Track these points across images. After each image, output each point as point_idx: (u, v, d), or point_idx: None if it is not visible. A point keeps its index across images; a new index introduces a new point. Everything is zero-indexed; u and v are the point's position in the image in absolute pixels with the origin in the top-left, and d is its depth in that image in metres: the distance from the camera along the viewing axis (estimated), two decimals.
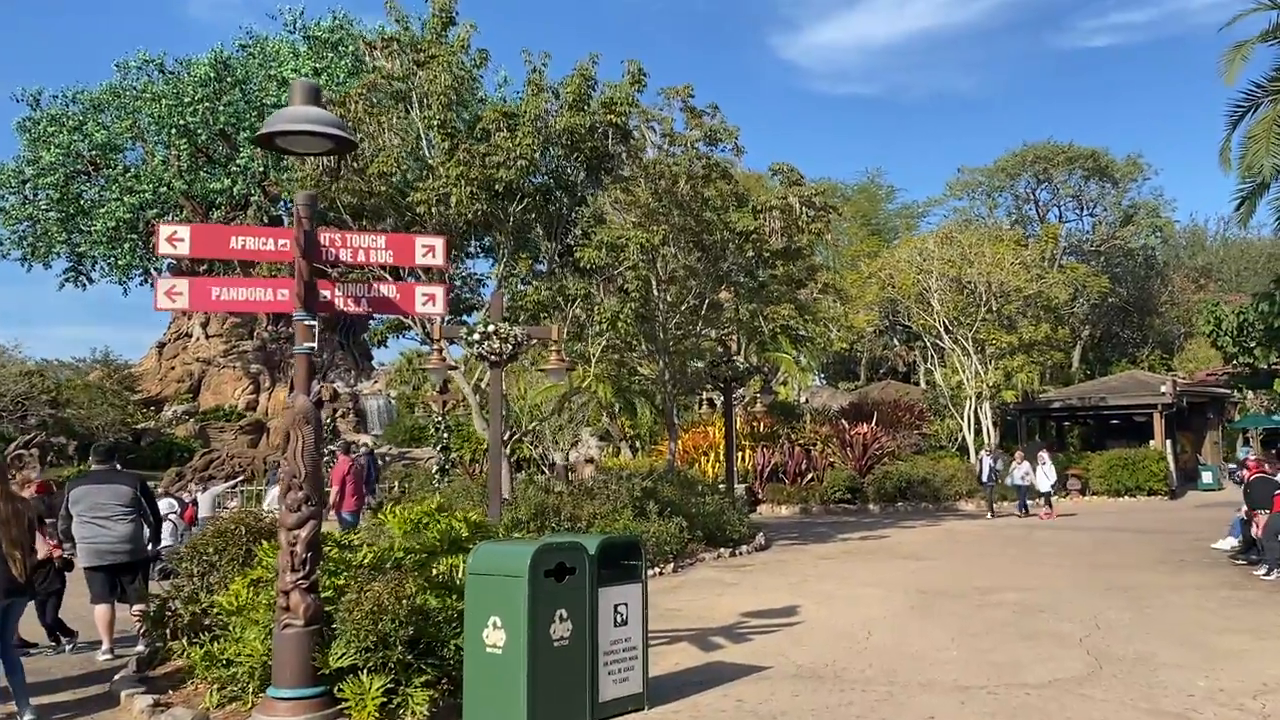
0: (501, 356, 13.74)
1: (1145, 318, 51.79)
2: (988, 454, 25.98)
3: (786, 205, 18.80)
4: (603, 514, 15.16)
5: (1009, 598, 12.02)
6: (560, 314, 15.45)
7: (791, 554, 17.64)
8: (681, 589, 13.55)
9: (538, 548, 6.36)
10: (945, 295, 33.15)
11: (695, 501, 17.74)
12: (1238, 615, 10.60)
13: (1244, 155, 15.12)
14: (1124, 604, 11.30)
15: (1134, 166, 48.30)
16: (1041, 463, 24.78)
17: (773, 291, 20.53)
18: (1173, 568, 14.46)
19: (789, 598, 12.50)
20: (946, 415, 37.59)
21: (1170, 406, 34.96)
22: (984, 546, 18.29)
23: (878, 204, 60.39)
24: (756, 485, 30.44)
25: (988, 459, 25.61)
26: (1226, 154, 15.52)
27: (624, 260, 15.11)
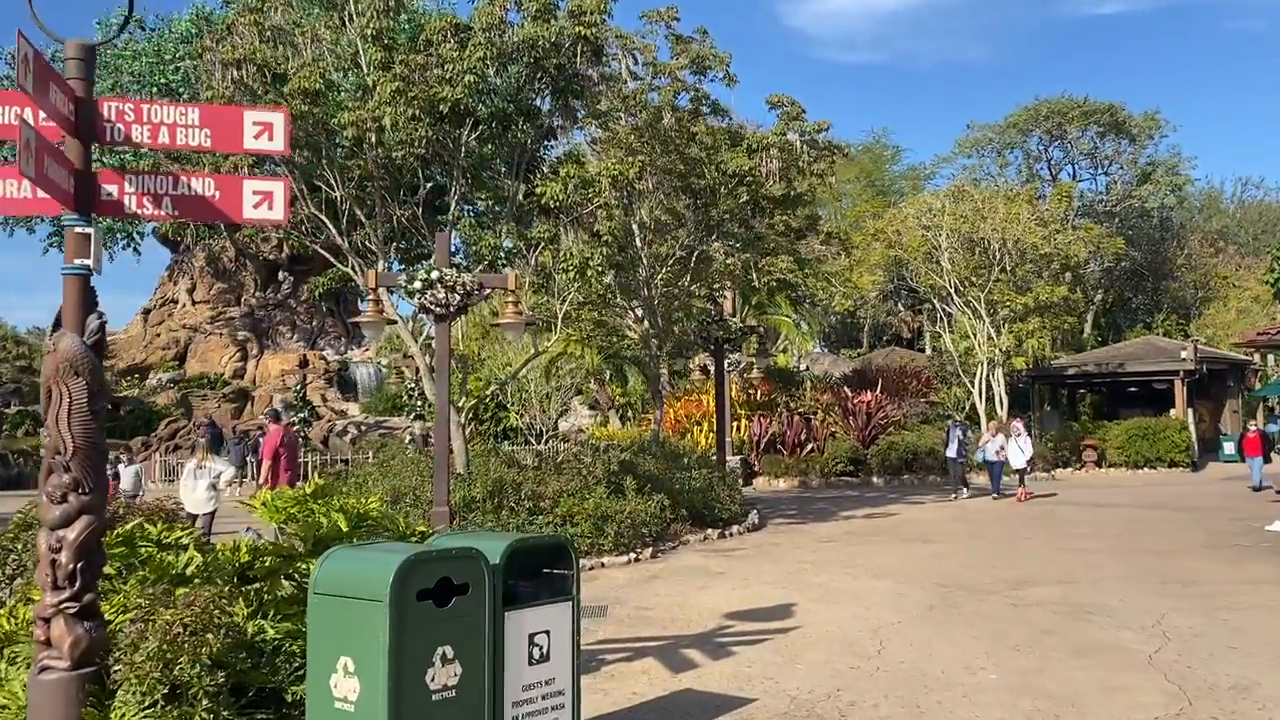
0: (448, 308, 11.71)
1: (1160, 282, 49.57)
2: (955, 425, 22.68)
3: (785, 143, 16.69)
4: (570, 491, 13.18)
5: (1047, 594, 10.05)
6: (524, 261, 13.40)
7: (788, 535, 15.67)
8: (658, 579, 11.59)
9: (407, 558, 4.34)
10: (956, 254, 30.99)
11: (680, 476, 15.77)
12: None
13: None
14: (1189, 604, 9.32)
15: (1152, 122, 45.88)
16: (1016, 435, 21.50)
17: (769, 243, 18.44)
18: (1230, 555, 12.47)
19: (783, 592, 10.53)
20: (954, 383, 35.56)
21: (1193, 373, 32.96)
22: (1004, 527, 16.32)
23: (883, 165, 58.06)
24: (753, 457, 28.50)
25: (956, 430, 22.19)
26: None
27: (595, 198, 13.03)
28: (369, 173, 13.38)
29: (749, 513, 17.18)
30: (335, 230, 13.48)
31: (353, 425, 38.22)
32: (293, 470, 13.97)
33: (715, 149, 16.98)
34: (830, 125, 17.10)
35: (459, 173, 13.10)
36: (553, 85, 13.38)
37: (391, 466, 15.52)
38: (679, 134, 15.99)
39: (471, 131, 12.96)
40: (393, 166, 13.63)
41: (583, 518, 12.82)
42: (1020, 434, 21.49)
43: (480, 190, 14.40)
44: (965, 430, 22.22)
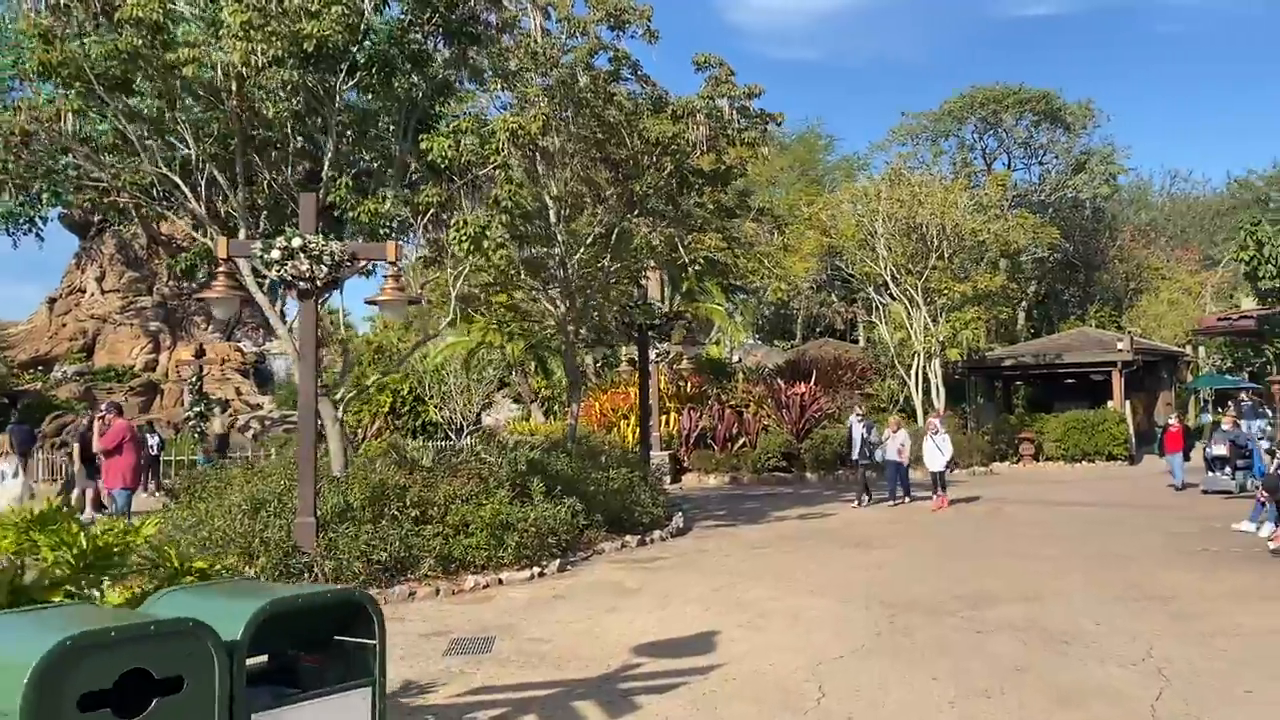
0: (314, 281, 9.92)
1: (1093, 274, 49.30)
2: (859, 420, 19.63)
3: (713, 109, 15.11)
4: (465, 496, 11.45)
5: (1011, 615, 8.63)
6: (416, 233, 11.64)
7: (716, 541, 14.14)
8: (562, 600, 9.94)
9: (59, 642, 2.62)
10: (893, 240, 29.81)
11: (597, 477, 14.14)
12: None
13: None
14: (1177, 628, 7.96)
15: (1086, 111, 45.44)
16: (933, 432, 18.40)
17: (698, 220, 16.87)
18: (1203, 563, 11.23)
19: (707, 615, 8.96)
20: (889, 374, 34.52)
21: (1130, 365, 32.34)
22: (950, 530, 15.00)
23: (817, 154, 57.02)
24: (682, 452, 27.00)
25: (859, 426, 19.23)
26: None
27: (492, 156, 11.31)
28: (231, 127, 11.50)
29: (674, 515, 15.62)
30: (191, 195, 11.56)
31: (256, 420, 35.84)
32: (137, 468, 12.07)
33: (637, 115, 15.34)
34: (763, 90, 15.57)
35: (334, 127, 11.26)
36: (444, 27, 11.61)
37: (260, 467, 13.64)
38: (596, 95, 14.31)
39: (348, 79, 11.15)
40: (259, 121, 11.75)
41: (478, 527, 11.11)
42: (938, 431, 18.44)
43: (366, 151, 12.58)
44: (870, 427, 19.47)
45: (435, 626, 8.89)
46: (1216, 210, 56.90)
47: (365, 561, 10.23)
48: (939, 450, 18.00)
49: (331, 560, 10.16)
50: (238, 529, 10.27)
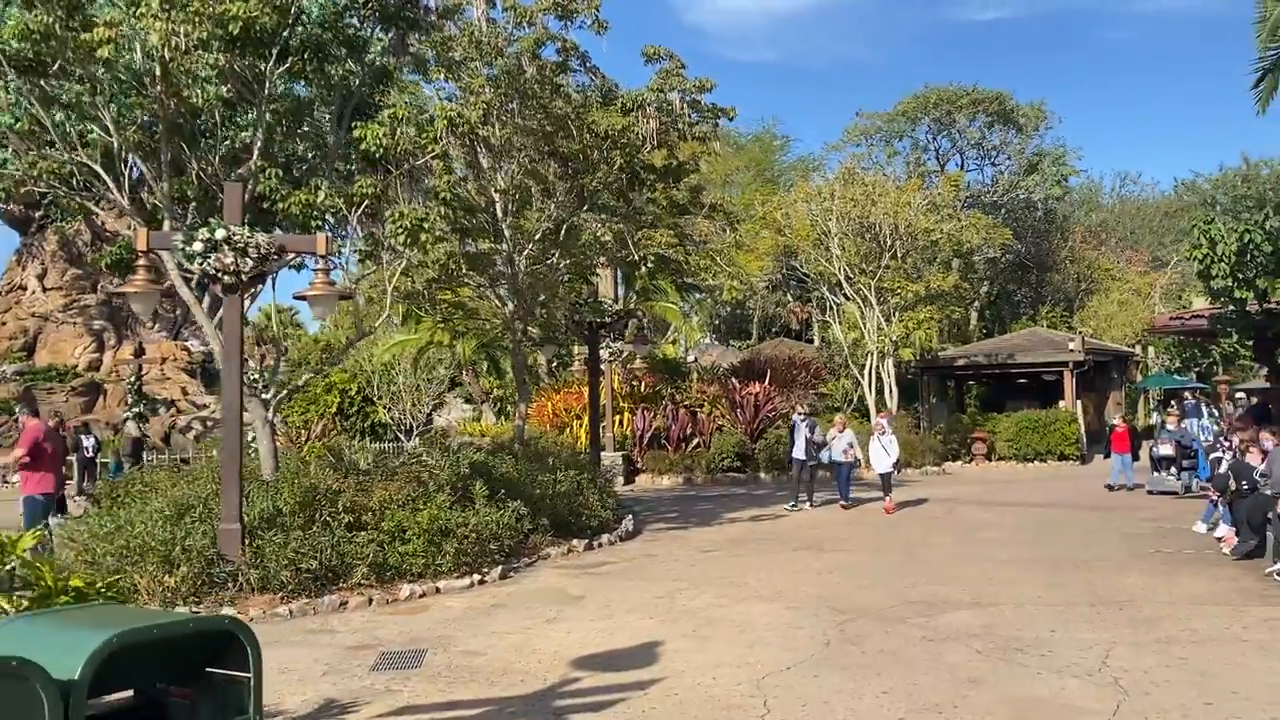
0: (239, 275, 9.42)
1: (1044, 274, 49.71)
2: (802, 419, 18.68)
3: (664, 101, 14.76)
4: (401, 501, 10.98)
5: (964, 622, 8.36)
6: (346, 224, 11.13)
7: (665, 545, 13.78)
8: (502, 609, 9.52)
9: None
10: (847, 239, 29.68)
11: (544, 479, 13.71)
12: None
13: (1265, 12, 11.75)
14: (1133, 635, 7.73)
15: (1038, 113, 45.74)
16: (880, 432, 17.72)
17: (649, 216, 16.50)
18: (1158, 565, 11.06)
19: (651, 625, 8.60)
20: (843, 374, 34.44)
21: (1081, 365, 32.52)
22: (904, 533, 14.78)
23: (773, 154, 56.93)
24: (636, 453, 26.64)
25: (802, 426, 18.34)
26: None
27: (429, 145, 10.84)
28: (156, 114, 10.92)
29: (624, 518, 15.24)
30: (114, 185, 10.97)
31: (198, 420, 34.93)
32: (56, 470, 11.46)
33: (586, 107, 14.95)
34: (714, 85, 15.24)
35: (263, 115, 10.72)
36: (381, 11, 11.12)
37: (189, 470, 13.06)
38: (543, 86, 13.88)
39: (279, 64, 10.61)
40: (187, 108, 11.18)
41: (415, 533, 10.65)
42: (884, 432, 17.79)
43: (301, 141, 12.05)
44: (814, 426, 18.65)
45: (365, 639, 8.45)
46: (1165, 212, 57.65)
47: (294, 570, 9.74)
48: (885, 451, 17.42)
49: (258, 569, 9.66)
50: (158, 536, 9.72)
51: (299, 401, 36.25)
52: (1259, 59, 12.37)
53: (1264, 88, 12.60)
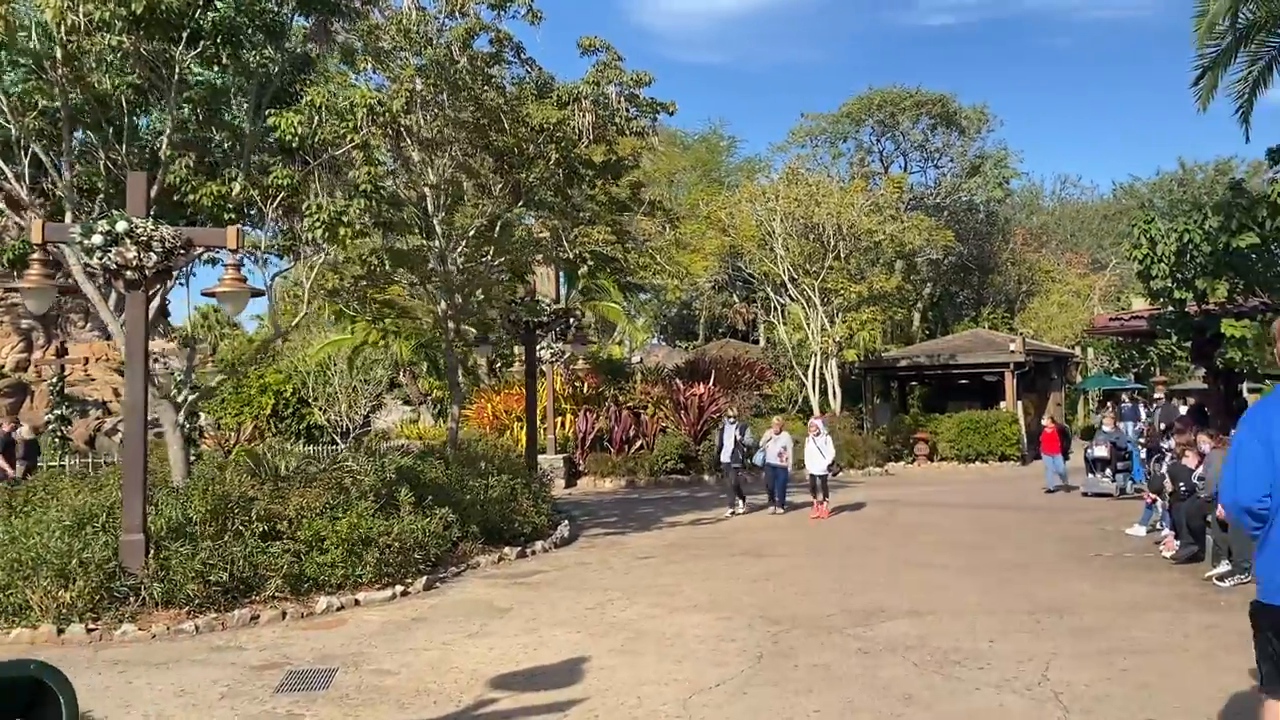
0: (143, 270, 8.85)
1: (986, 276, 50.18)
2: (730, 422, 18.23)
3: (601, 95, 14.37)
4: (320, 508, 10.45)
5: (902, 632, 8.07)
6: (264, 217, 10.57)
7: (601, 551, 13.39)
8: (423, 622, 9.06)
9: None
10: (790, 240, 29.55)
11: (474, 484, 13.24)
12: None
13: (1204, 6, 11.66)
14: (1073, 645, 7.49)
15: (981, 115, 46.11)
16: (814, 434, 17.06)
17: (588, 212, 16.11)
18: (1097, 570, 10.91)
19: (577, 639, 8.20)
20: (788, 375, 34.36)
21: (1022, 366, 32.72)
22: (845, 536, 14.55)
23: (719, 155, 56.81)
24: (578, 455, 26.21)
25: (731, 429, 17.87)
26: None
27: (348, 134, 10.32)
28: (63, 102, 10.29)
29: (559, 524, 14.82)
30: (12, 175, 10.32)
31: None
32: None
33: (520, 100, 14.52)
34: (652, 79, 14.90)
35: (173, 101, 10.14)
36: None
37: (97, 476, 12.40)
38: (474, 77, 13.42)
39: (189, 48, 10.04)
40: (94, 94, 10.55)
41: (334, 542, 10.14)
42: (819, 433, 17.12)
43: (217, 131, 11.44)
44: (743, 429, 18.17)
45: (273, 656, 7.94)
46: (1104, 215, 58.65)
47: (202, 582, 9.18)
48: (820, 453, 16.85)
49: (162, 582, 9.08)
50: (54, 548, 9.09)
51: (232, 403, 35.31)
52: (1198, 56, 12.34)
53: (1204, 85, 12.55)
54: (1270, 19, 11.49)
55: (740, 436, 17.61)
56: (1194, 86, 12.64)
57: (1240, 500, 3.89)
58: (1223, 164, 53.82)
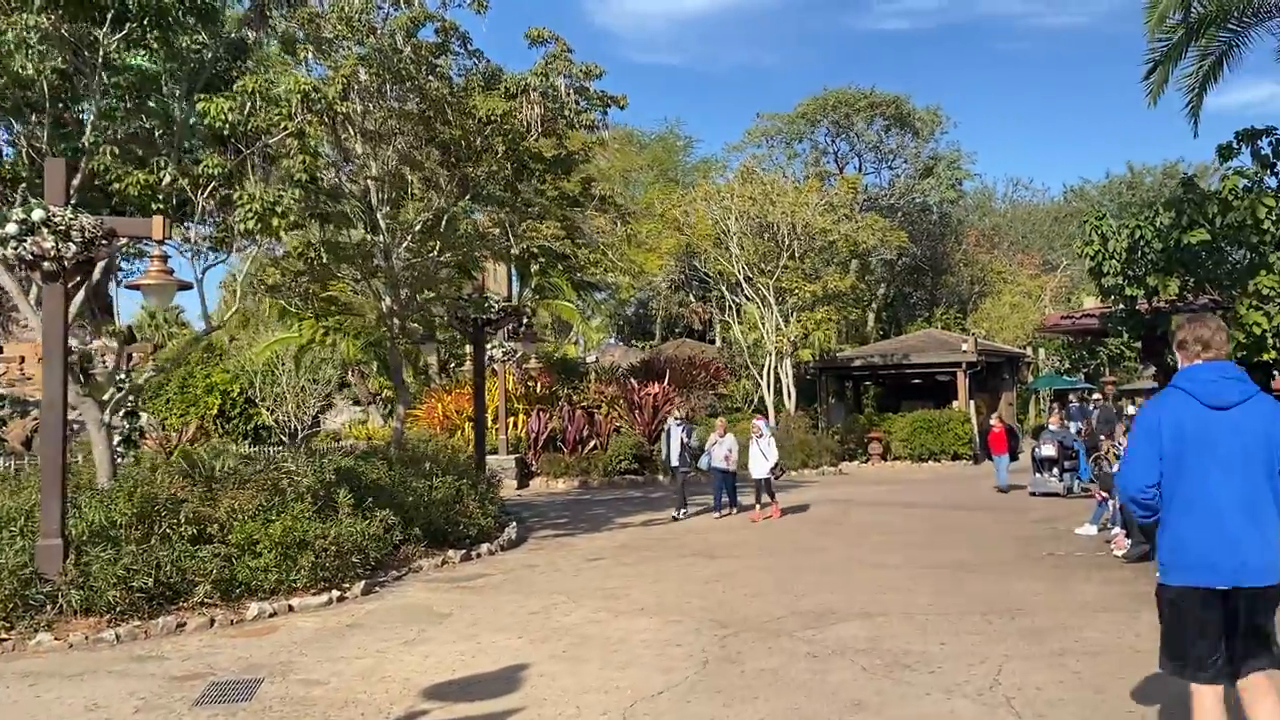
0: (61, 261, 8.41)
1: (939, 277, 50.53)
2: (677, 423, 17.36)
3: (550, 87, 14.07)
4: (253, 511, 10.05)
5: (852, 634, 7.86)
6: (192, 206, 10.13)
7: (549, 553, 13.08)
8: (358, 629, 8.69)
9: None
10: (746, 239, 29.43)
11: (418, 486, 12.87)
12: None
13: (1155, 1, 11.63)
14: (1025, 647, 7.33)
15: (934, 117, 46.42)
16: (757, 435, 16.53)
17: (537, 207, 15.80)
18: (1049, 570, 10.81)
19: (518, 646, 7.89)
20: (744, 375, 34.27)
21: (974, 365, 32.90)
22: (797, 535, 14.38)
23: (675, 154, 56.64)
24: (530, 455, 25.87)
25: (677, 430, 17.12)
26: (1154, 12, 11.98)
27: (282, 121, 9.94)
28: None
29: (507, 526, 14.49)
30: None
31: None
32: None
33: (467, 92, 14.18)
34: (603, 72, 14.62)
35: (97, 85, 9.69)
36: None
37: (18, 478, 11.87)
38: (418, 67, 13.05)
39: (115, 30, 9.59)
40: (13, 78, 10.05)
41: (267, 546, 9.74)
42: (762, 435, 16.59)
43: (148, 118, 10.99)
44: (689, 431, 17.50)
45: (197, 666, 7.54)
46: (1054, 217, 59.34)
47: (124, 589, 8.73)
48: (764, 455, 16.31)
49: (81, 589, 8.63)
50: None
51: (177, 403, 34.52)
52: (1149, 49, 12.32)
53: (1154, 80, 12.55)
54: (1221, 13, 11.51)
55: (686, 439, 17.05)
56: (1145, 81, 12.65)
57: (1128, 490, 4.34)
58: (1170, 167, 54.72)
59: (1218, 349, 4.26)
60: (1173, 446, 4.18)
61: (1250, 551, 4.07)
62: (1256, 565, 4.07)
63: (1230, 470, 4.10)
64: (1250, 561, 4.06)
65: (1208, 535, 4.11)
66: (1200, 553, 4.12)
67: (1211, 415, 4.14)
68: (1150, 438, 4.25)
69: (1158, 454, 4.21)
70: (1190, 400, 4.20)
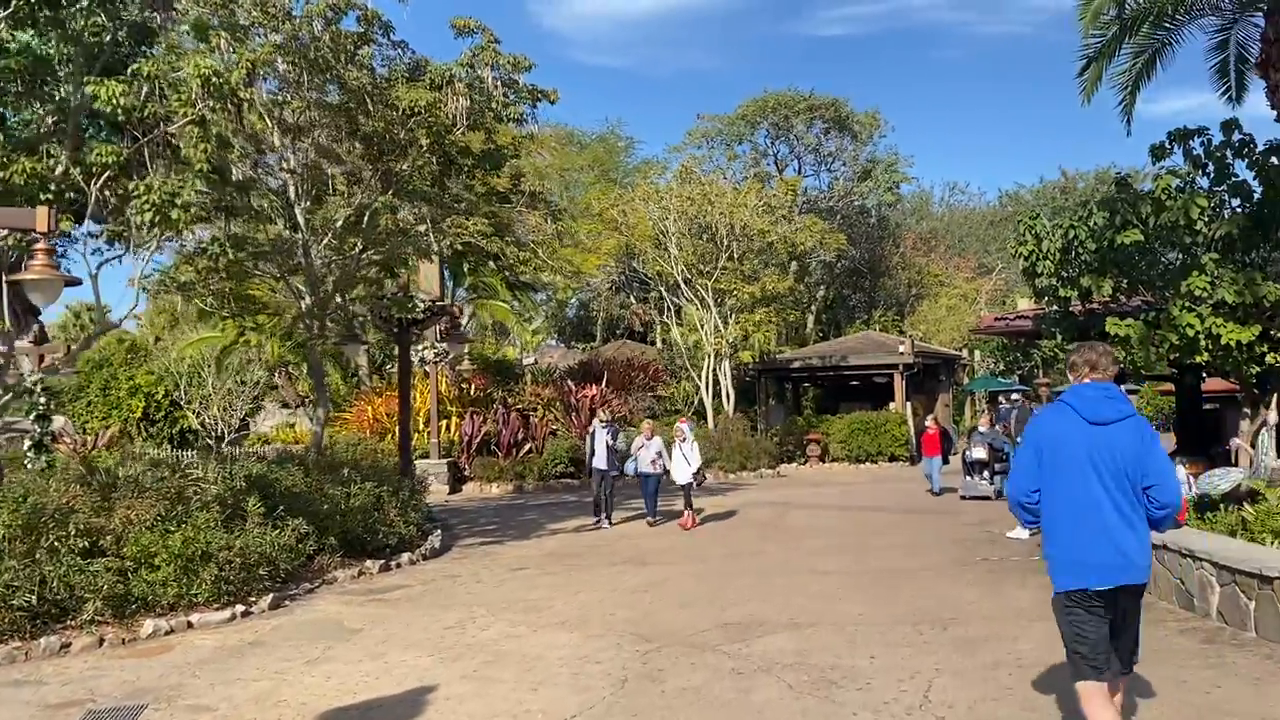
0: None
1: (877, 279, 50.80)
2: (603, 426, 16.42)
3: (476, 79, 13.60)
4: (151, 521, 9.44)
5: (779, 647, 7.54)
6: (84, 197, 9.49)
7: (473, 562, 12.61)
8: (260, 647, 8.16)
9: None
10: (684, 239, 29.16)
11: (334, 493, 12.30)
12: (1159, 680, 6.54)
13: None
14: (957, 659, 7.06)
15: (873, 120, 46.58)
16: (680, 439, 15.72)
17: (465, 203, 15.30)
18: (982, 575, 10.61)
19: (428, 664, 7.43)
20: (684, 377, 34.00)
21: (911, 367, 33.00)
22: (731, 540, 14.07)
23: (616, 155, 56.21)
24: (463, 460, 25.29)
25: (603, 433, 16.17)
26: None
27: (181, 108, 9.36)
28: None
29: (431, 534, 13.97)
30: None
31: None
32: None
33: (391, 83, 13.65)
34: (533, 65, 14.17)
35: None
36: None
37: None
38: (338, 54, 12.50)
39: (1, 8, 8.94)
40: None
41: (166, 558, 9.15)
42: (685, 438, 15.74)
43: (42, 104, 10.31)
44: (615, 433, 16.60)
45: (77, 692, 6.97)
46: (990, 221, 60.03)
47: (4, 607, 8.12)
48: (686, 460, 15.55)
49: None
50: None
51: (99, 406, 33.28)
52: (1083, 46, 12.22)
53: (1088, 77, 12.46)
54: (1154, 10, 11.45)
55: (612, 441, 16.19)
56: (1079, 77, 12.55)
57: (1015, 496, 4.72)
58: (1102, 173, 55.60)
59: (1103, 371, 4.70)
60: (1052, 456, 4.57)
61: (1130, 553, 4.45)
62: (1139, 564, 4.48)
63: (1107, 480, 4.47)
64: (1133, 561, 4.46)
65: (1091, 539, 4.46)
66: (1085, 556, 4.47)
67: (1092, 430, 4.53)
68: (1036, 448, 4.64)
69: (1040, 463, 4.59)
70: (1074, 415, 4.59)
